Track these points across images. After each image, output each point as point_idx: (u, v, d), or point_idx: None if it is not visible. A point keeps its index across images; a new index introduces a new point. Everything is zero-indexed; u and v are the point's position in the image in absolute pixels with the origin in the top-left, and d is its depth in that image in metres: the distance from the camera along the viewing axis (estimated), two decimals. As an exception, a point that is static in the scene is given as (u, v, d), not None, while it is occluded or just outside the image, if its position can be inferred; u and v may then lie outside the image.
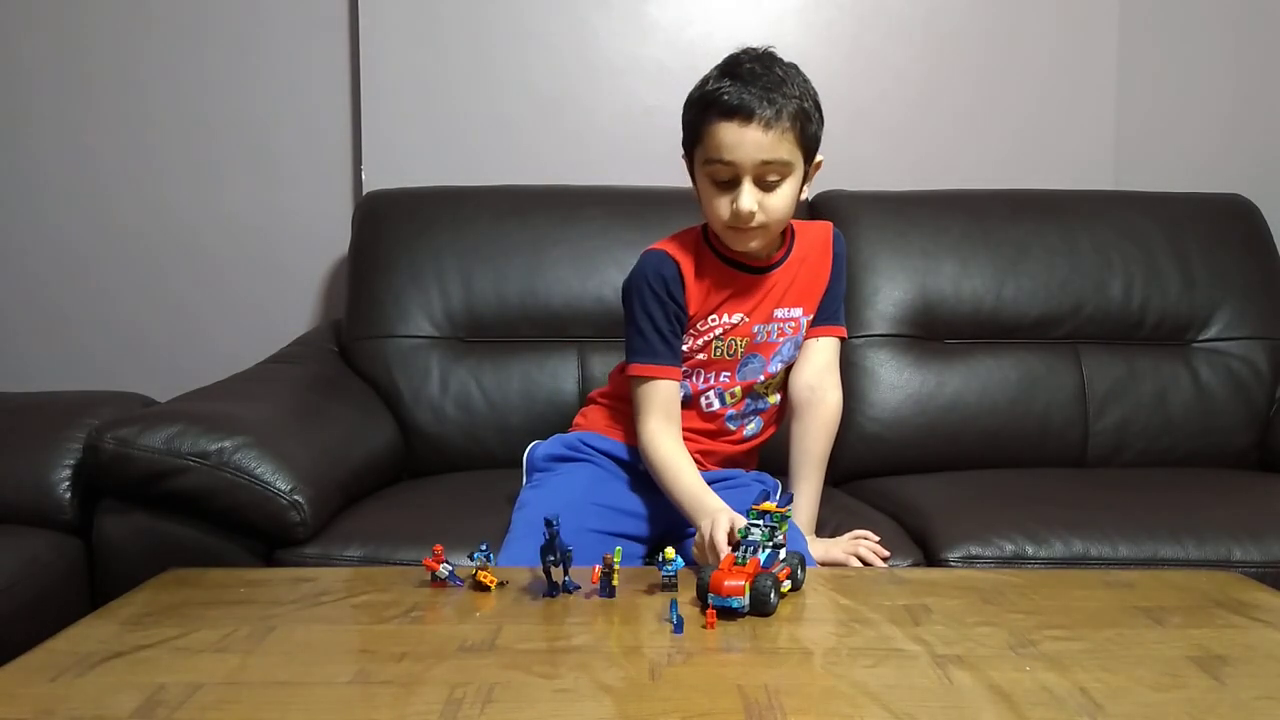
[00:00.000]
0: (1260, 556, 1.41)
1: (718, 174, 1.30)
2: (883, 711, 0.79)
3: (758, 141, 1.27)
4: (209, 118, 2.21)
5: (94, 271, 2.23)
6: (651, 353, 1.37)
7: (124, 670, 0.88)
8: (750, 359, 1.41)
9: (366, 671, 0.89)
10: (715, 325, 1.39)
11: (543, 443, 1.49)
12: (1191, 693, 0.84)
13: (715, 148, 1.29)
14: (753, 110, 1.26)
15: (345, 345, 1.94)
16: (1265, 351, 1.95)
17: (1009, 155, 2.21)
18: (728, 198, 1.31)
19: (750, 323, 1.40)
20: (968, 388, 1.89)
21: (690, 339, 1.40)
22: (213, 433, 1.38)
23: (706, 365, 1.41)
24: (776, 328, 1.42)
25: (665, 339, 1.37)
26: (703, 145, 1.31)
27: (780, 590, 1.04)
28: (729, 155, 1.28)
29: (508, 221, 1.92)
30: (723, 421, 1.44)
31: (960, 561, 1.40)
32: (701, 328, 1.39)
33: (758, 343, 1.41)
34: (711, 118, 1.29)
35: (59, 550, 1.43)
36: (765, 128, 1.27)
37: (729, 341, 1.40)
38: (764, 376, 1.43)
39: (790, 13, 2.19)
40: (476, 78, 2.17)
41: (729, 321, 1.39)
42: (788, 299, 1.42)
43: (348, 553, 1.38)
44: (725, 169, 1.29)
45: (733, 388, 1.42)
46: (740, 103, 1.27)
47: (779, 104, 1.28)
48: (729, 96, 1.27)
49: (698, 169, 1.34)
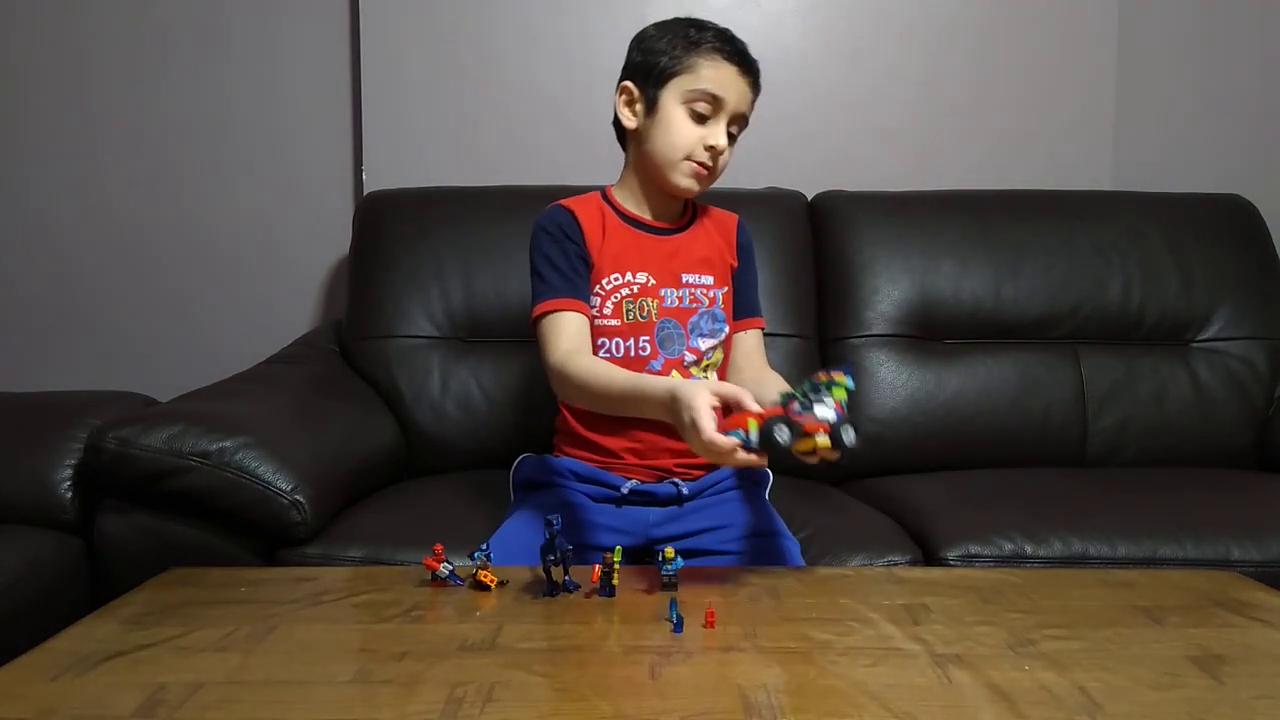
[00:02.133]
0: (1259, 556, 1.41)
1: (700, 106, 1.35)
2: (882, 711, 0.80)
3: (745, 93, 1.37)
4: (210, 118, 2.21)
5: (95, 272, 2.23)
6: (553, 290, 1.35)
7: (125, 670, 0.88)
8: (665, 324, 1.39)
9: (367, 671, 0.89)
10: (621, 284, 1.39)
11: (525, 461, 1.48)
12: (1190, 692, 0.84)
13: (714, 81, 1.34)
14: (749, 66, 1.37)
15: (346, 345, 1.95)
16: (1264, 351, 1.95)
17: (1008, 155, 2.22)
18: (700, 131, 1.35)
19: (657, 285, 1.40)
20: (967, 388, 1.89)
21: (598, 299, 1.39)
22: (214, 432, 1.38)
23: (623, 333, 1.38)
24: (688, 294, 1.41)
25: (566, 276, 1.36)
26: (693, 75, 1.35)
27: (802, 437, 1.02)
28: (723, 92, 1.34)
29: (508, 221, 1.92)
30: None
31: (959, 561, 1.41)
32: (608, 286, 1.39)
33: (668, 306, 1.40)
34: (714, 55, 1.35)
35: (60, 550, 1.43)
36: (752, 86, 1.38)
37: (640, 303, 1.39)
38: (690, 353, 1.40)
39: (789, 13, 2.19)
40: (477, 78, 2.17)
41: (634, 280, 1.39)
42: (695, 266, 1.42)
43: (348, 552, 1.38)
44: (710, 104, 1.35)
45: (671, 373, 1.38)
46: (740, 53, 1.36)
47: (759, 72, 1.39)
48: (728, 44, 1.36)
49: (671, 99, 1.35)
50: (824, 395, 1.07)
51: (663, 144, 1.37)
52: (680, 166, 1.37)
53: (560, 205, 1.42)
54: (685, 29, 1.37)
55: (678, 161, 1.36)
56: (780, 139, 2.18)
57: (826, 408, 1.06)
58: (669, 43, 1.36)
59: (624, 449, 1.39)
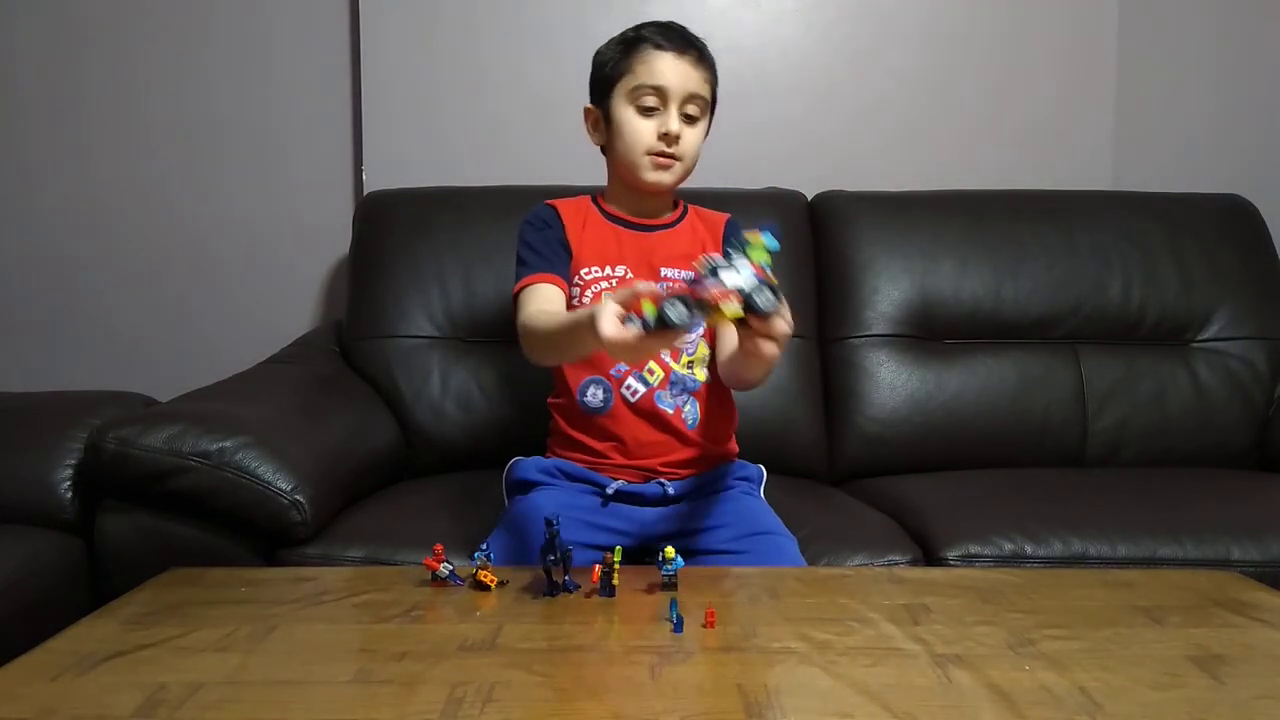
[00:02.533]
0: (1259, 556, 1.41)
1: (645, 99, 1.37)
2: (882, 711, 0.80)
3: (688, 73, 1.38)
4: (210, 119, 2.21)
5: (95, 272, 2.23)
6: (530, 269, 1.40)
7: (125, 670, 0.88)
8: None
9: (367, 671, 0.89)
10: (600, 276, 1.41)
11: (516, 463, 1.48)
12: (1191, 692, 0.84)
13: (648, 73, 1.37)
14: (684, 47, 1.38)
15: (346, 345, 1.95)
16: (1264, 351, 1.95)
17: (1008, 155, 2.22)
18: (653, 123, 1.37)
19: (634, 278, 1.40)
20: (967, 388, 1.89)
21: (578, 289, 1.41)
22: (214, 433, 1.38)
23: None
24: (664, 288, 1.39)
25: (545, 256, 1.41)
26: (632, 74, 1.38)
27: (706, 309, 0.99)
28: (661, 80, 1.36)
29: (508, 221, 1.90)
30: (654, 404, 1.38)
31: (959, 560, 1.41)
32: (587, 276, 1.41)
33: None
34: (646, 49, 1.38)
35: (60, 550, 1.43)
36: (694, 64, 1.38)
37: None
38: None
39: (789, 13, 2.19)
40: (477, 79, 2.17)
41: (613, 273, 1.41)
42: (675, 260, 1.43)
43: (349, 553, 1.38)
44: (655, 94, 1.37)
45: (646, 364, 1.38)
46: (672, 40, 1.38)
47: (704, 50, 1.41)
48: (660, 33, 1.39)
49: (620, 101, 1.39)
50: (738, 260, 1.02)
51: (623, 148, 1.40)
52: (643, 163, 1.39)
53: (545, 204, 1.48)
54: (623, 36, 1.42)
55: (640, 159, 1.39)
56: (780, 139, 2.18)
57: (737, 274, 1.01)
58: (609, 53, 1.43)
59: (610, 449, 1.39)
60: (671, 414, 1.39)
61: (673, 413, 1.40)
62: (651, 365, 1.39)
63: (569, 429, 1.42)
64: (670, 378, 1.40)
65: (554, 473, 1.41)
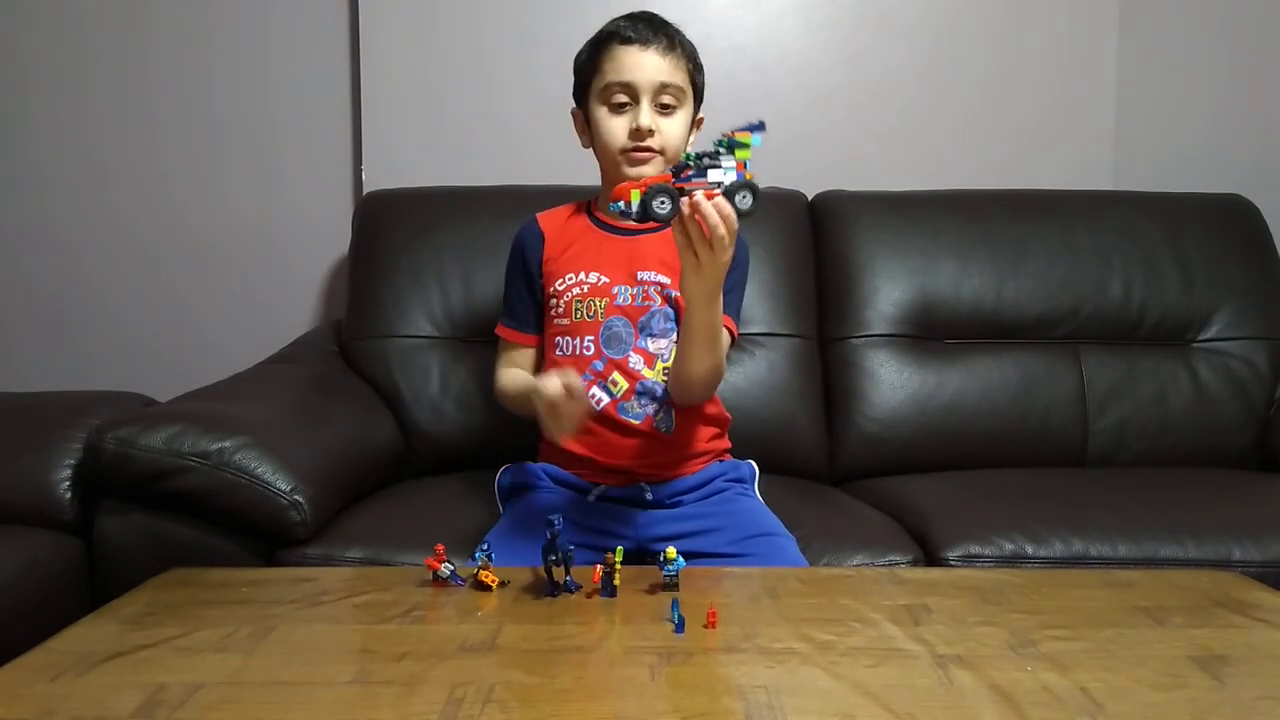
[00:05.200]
0: (1260, 556, 1.41)
1: (616, 97, 1.38)
2: (883, 711, 0.80)
3: (656, 64, 1.37)
4: (210, 118, 2.21)
5: (94, 271, 2.23)
6: (510, 318, 1.51)
7: (125, 670, 0.88)
8: (613, 322, 1.40)
9: (367, 671, 0.89)
10: (573, 284, 1.42)
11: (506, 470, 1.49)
12: (1192, 693, 0.84)
13: (615, 70, 1.37)
14: (649, 38, 1.37)
15: (345, 345, 1.94)
16: (1265, 351, 1.95)
17: (1009, 155, 2.21)
18: (625, 119, 1.38)
19: (610, 283, 1.41)
20: (967, 388, 1.89)
21: (554, 300, 1.43)
22: (213, 433, 1.38)
23: (571, 331, 1.41)
24: (641, 290, 1.41)
25: (514, 306, 1.50)
26: (601, 73, 1.39)
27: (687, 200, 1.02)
28: (629, 76, 1.37)
29: (508, 221, 1.91)
30: (617, 414, 1.39)
31: (960, 561, 1.41)
32: (560, 286, 1.42)
33: (619, 304, 1.40)
34: (612, 46, 1.38)
35: (59, 550, 1.42)
36: (663, 53, 1.37)
37: (589, 302, 1.41)
38: (637, 354, 1.39)
39: (789, 13, 2.19)
40: (477, 78, 2.17)
41: (585, 280, 1.41)
42: (653, 265, 1.41)
43: (348, 553, 1.38)
44: (624, 91, 1.37)
45: (611, 374, 1.38)
46: (638, 32, 1.38)
47: (674, 36, 1.40)
48: (627, 27, 1.39)
49: (594, 102, 1.41)
50: (723, 158, 1.02)
51: (602, 148, 1.41)
52: (624, 160, 1.39)
53: (534, 219, 1.51)
54: (594, 37, 1.42)
55: (621, 156, 1.39)
56: (781, 139, 2.15)
57: (722, 171, 1.02)
58: (581, 53, 1.44)
59: (590, 455, 1.40)
60: (640, 424, 1.39)
61: (641, 422, 1.39)
62: (615, 376, 1.39)
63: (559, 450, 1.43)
64: (636, 388, 1.39)
65: (542, 477, 1.42)
